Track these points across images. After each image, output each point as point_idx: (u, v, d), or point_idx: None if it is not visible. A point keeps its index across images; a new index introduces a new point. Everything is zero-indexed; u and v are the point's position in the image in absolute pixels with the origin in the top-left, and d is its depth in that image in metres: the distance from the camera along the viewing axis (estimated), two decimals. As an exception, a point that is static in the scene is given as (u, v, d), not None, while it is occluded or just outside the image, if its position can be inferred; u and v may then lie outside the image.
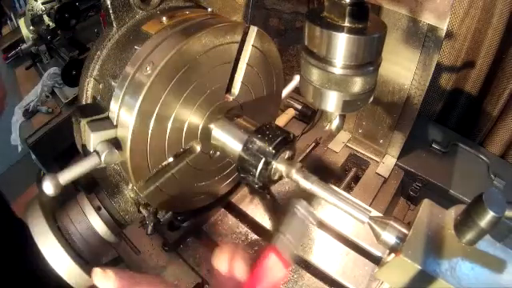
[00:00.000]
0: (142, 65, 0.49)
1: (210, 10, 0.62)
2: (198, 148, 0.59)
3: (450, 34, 1.04)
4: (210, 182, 0.68)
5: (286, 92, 0.74)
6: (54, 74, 1.40)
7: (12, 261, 0.76)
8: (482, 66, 1.05)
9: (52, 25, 1.42)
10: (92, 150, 0.48)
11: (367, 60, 0.49)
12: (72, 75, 1.25)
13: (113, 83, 0.52)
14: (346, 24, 0.47)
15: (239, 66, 0.59)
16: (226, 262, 0.40)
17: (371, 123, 1.00)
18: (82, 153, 0.59)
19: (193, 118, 0.55)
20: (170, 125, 0.52)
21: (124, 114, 0.49)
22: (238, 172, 0.53)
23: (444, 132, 1.11)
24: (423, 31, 0.74)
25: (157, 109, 0.49)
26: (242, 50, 0.58)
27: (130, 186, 0.61)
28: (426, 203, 0.46)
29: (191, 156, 0.59)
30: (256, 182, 0.51)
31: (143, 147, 0.50)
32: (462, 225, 0.41)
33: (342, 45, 0.46)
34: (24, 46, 1.50)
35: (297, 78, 0.72)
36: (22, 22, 1.54)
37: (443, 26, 0.69)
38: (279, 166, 0.50)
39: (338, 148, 1.05)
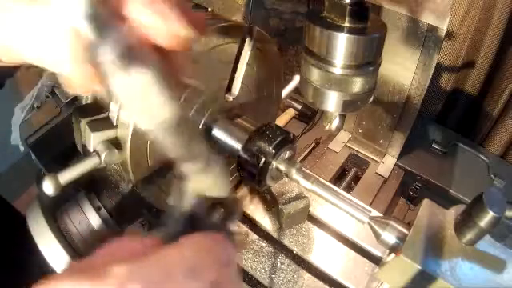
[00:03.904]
0: (142, 65, 0.49)
1: (210, 9, 0.62)
2: (198, 148, 0.59)
3: (450, 34, 1.04)
4: (210, 181, 0.68)
5: (286, 92, 0.74)
6: (54, 74, 1.40)
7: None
8: (481, 65, 1.05)
9: (52, 25, 1.42)
10: (92, 150, 0.48)
11: (367, 60, 0.49)
12: (72, 75, 1.24)
13: (113, 83, 0.52)
14: (346, 24, 0.47)
15: (239, 66, 0.59)
16: None
17: (371, 123, 1.00)
18: (81, 153, 0.59)
19: (193, 117, 0.55)
20: (170, 125, 0.52)
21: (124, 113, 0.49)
22: (237, 172, 0.53)
23: (444, 132, 1.11)
24: (423, 31, 0.74)
25: (157, 109, 0.49)
26: (242, 50, 0.58)
27: (130, 185, 0.61)
28: (426, 203, 0.46)
29: (191, 156, 0.59)
30: (256, 181, 0.51)
31: (143, 147, 0.50)
32: (462, 225, 0.41)
33: (342, 45, 0.46)
34: (24, 45, 1.50)
35: (297, 78, 0.72)
36: (22, 22, 1.54)
37: (443, 26, 0.69)
38: (279, 166, 0.50)
39: (338, 148, 1.05)
